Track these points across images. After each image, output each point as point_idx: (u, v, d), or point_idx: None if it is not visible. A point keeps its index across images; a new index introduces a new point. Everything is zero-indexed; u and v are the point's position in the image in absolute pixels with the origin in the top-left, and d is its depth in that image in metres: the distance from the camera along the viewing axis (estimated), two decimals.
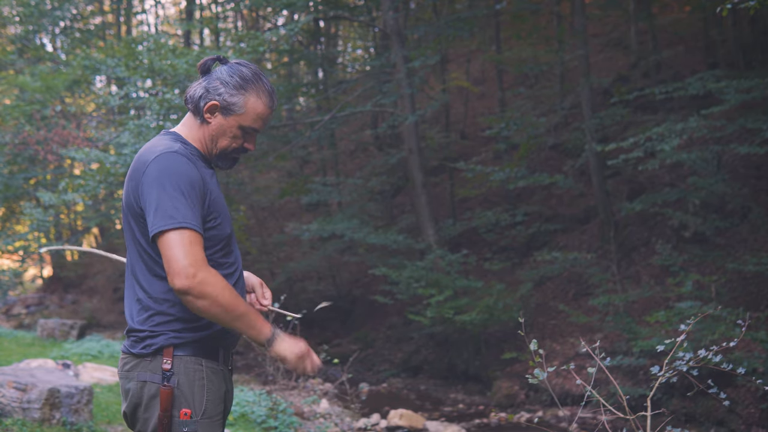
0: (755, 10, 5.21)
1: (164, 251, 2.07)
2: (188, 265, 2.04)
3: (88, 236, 25.55)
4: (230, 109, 2.26)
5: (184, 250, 2.05)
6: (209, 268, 2.08)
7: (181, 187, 2.11)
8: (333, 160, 18.34)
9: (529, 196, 15.37)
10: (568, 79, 15.91)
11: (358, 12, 16.77)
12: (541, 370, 3.37)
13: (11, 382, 5.32)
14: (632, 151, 10.51)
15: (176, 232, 2.06)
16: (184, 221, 2.07)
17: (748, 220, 11.31)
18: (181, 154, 2.17)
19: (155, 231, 2.08)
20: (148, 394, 2.17)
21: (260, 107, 2.28)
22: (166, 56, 11.98)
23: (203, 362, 2.20)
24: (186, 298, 2.06)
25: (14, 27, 20.39)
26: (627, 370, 9.79)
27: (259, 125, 2.30)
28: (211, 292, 2.05)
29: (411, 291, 12.27)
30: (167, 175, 2.11)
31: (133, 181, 2.19)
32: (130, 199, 2.20)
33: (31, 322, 17.31)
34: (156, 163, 2.14)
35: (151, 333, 2.18)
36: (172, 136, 2.29)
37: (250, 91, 2.26)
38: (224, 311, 2.08)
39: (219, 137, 2.29)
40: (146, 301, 2.19)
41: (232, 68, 2.29)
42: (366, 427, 8.48)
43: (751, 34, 14.39)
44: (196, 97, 2.29)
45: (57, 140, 14.42)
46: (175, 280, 2.04)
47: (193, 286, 2.03)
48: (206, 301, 2.05)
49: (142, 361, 2.18)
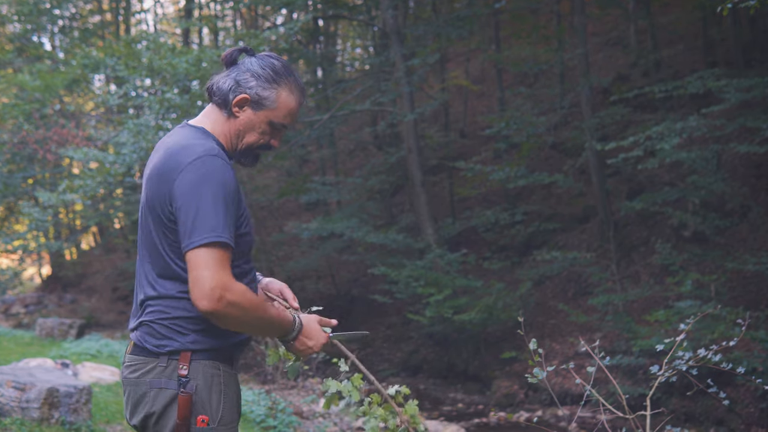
0: (755, 9, 5.20)
1: (192, 268, 1.95)
2: (215, 288, 1.92)
3: (87, 236, 25.55)
4: (262, 104, 2.14)
5: (211, 272, 1.93)
6: (234, 286, 1.96)
7: (223, 196, 1.97)
8: (332, 159, 18.33)
9: (528, 195, 15.36)
10: (568, 78, 15.90)
11: (357, 11, 16.76)
12: (541, 370, 3.36)
13: (10, 382, 5.31)
14: (632, 150, 10.50)
15: (207, 250, 1.93)
16: (220, 236, 1.94)
17: (748, 220, 11.30)
18: (221, 158, 2.02)
19: (190, 246, 1.95)
20: (163, 401, 2.04)
21: (292, 102, 2.16)
22: (165, 55, 11.97)
23: (221, 367, 2.09)
24: (211, 318, 1.98)
25: (13, 26, 20.39)
26: (626, 370, 9.78)
27: (289, 121, 2.18)
28: (237, 314, 1.96)
29: (410, 290, 12.26)
30: (209, 184, 1.96)
31: (165, 182, 2.02)
32: (154, 200, 2.05)
33: (30, 322, 17.29)
34: (196, 167, 1.98)
35: (169, 333, 2.06)
36: (202, 132, 2.13)
37: (282, 85, 2.14)
38: (251, 324, 2.03)
39: (247, 132, 2.16)
40: (160, 303, 2.07)
41: (263, 60, 2.16)
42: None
43: (750, 33, 14.38)
44: (225, 89, 2.14)
45: (56, 139, 14.40)
46: (198, 302, 1.94)
47: (218, 309, 1.93)
48: (231, 321, 1.98)
49: (156, 366, 2.05)
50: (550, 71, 16.74)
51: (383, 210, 16.82)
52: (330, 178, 16.17)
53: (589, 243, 13.27)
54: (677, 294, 10.10)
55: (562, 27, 15.49)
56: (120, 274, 20.90)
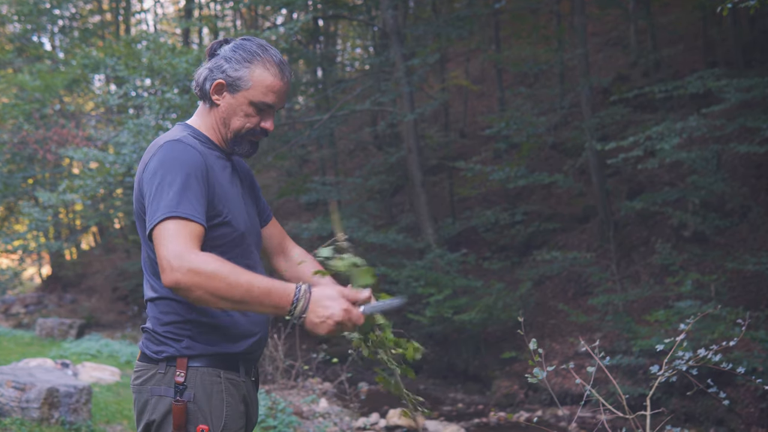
0: (755, 9, 5.20)
1: (156, 250, 1.87)
2: (171, 258, 1.80)
3: (87, 236, 25.55)
4: (237, 85, 2.09)
5: (166, 243, 1.82)
6: (196, 254, 1.81)
7: (182, 175, 1.92)
8: (332, 159, 18.33)
9: (528, 195, 15.36)
10: (568, 78, 15.90)
11: (357, 11, 16.76)
12: (541, 370, 3.36)
13: (10, 382, 5.31)
14: (632, 150, 10.50)
15: (161, 226, 1.86)
16: (171, 211, 1.86)
17: (748, 220, 11.30)
18: (183, 141, 2.02)
19: (149, 229, 1.90)
20: (162, 409, 2.01)
21: (268, 78, 2.09)
22: (165, 55, 11.97)
23: (222, 374, 2.04)
24: (180, 294, 1.83)
25: (13, 26, 20.39)
26: (626, 370, 9.78)
27: (272, 99, 2.11)
28: (204, 282, 1.78)
29: (410, 290, 12.26)
30: (165, 164, 1.95)
31: (138, 181, 2.04)
32: (137, 196, 2.07)
33: (30, 322, 17.29)
34: (156, 157, 1.99)
35: (164, 339, 2.03)
36: (183, 126, 2.15)
37: (255, 62, 2.09)
38: (224, 296, 1.80)
39: (230, 118, 2.12)
40: (157, 305, 2.07)
41: (236, 44, 2.14)
42: (365, 427, 8.47)
43: (750, 33, 14.38)
44: (201, 79, 2.15)
45: (56, 139, 14.40)
46: (163, 277, 1.81)
47: (179, 279, 1.79)
48: (200, 290, 1.79)
49: (156, 373, 2.03)
50: (550, 71, 16.74)
51: (383, 210, 16.82)
52: (330, 178, 16.17)
53: (589, 243, 13.27)
54: (677, 294, 10.10)
55: (562, 27, 15.49)
56: (120, 274, 20.90)
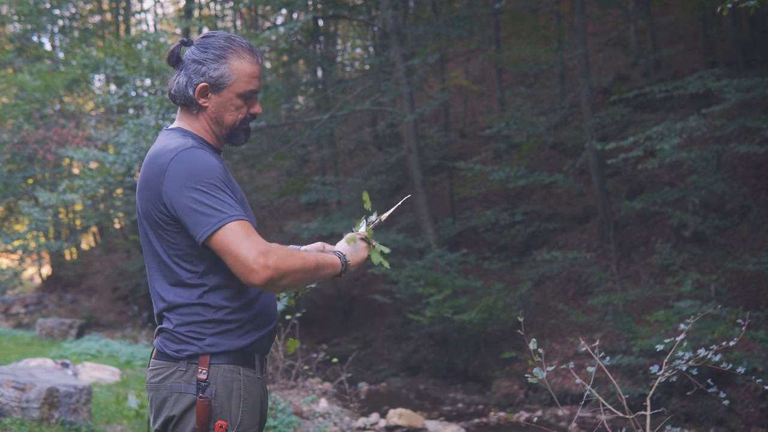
0: (755, 9, 5.20)
1: (223, 253, 1.96)
2: (258, 257, 1.94)
3: (87, 236, 25.56)
4: (220, 84, 2.13)
5: (245, 245, 1.94)
6: (272, 247, 1.99)
7: (212, 181, 1.99)
8: (332, 159, 18.34)
9: (528, 195, 15.36)
10: (568, 78, 15.90)
11: (357, 11, 16.76)
12: (541, 370, 3.36)
13: (10, 382, 5.31)
14: (632, 150, 10.50)
15: (226, 229, 1.95)
16: (230, 215, 1.96)
17: (748, 220, 11.30)
18: (197, 147, 2.05)
19: (206, 235, 1.96)
20: (182, 406, 2.05)
21: (247, 66, 2.14)
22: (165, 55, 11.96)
23: (241, 371, 2.09)
24: (269, 289, 2.01)
25: (13, 26, 20.39)
26: (626, 370, 9.78)
27: (255, 84, 2.16)
28: (288, 268, 1.98)
29: (410, 290, 12.26)
30: (194, 174, 1.99)
31: (152, 189, 2.05)
32: (147, 208, 2.07)
33: (30, 322, 17.28)
34: (176, 164, 2.01)
35: (186, 338, 2.06)
36: (177, 132, 2.16)
37: (229, 55, 2.13)
38: (303, 277, 2.04)
39: (222, 115, 2.16)
40: (174, 312, 2.09)
41: (201, 44, 2.16)
42: (365, 427, 8.48)
43: (750, 33, 14.38)
44: (182, 87, 2.15)
45: (56, 139, 14.40)
46: (251, 278, 1.94)
47: (271, 276, 1.94)
48: (287, 278, 1.99)
49: (176, 370, 2.06)
50: (550, 71, 16.74)
51: (383, 210, 16.80)
52: (330, 178, 16.17)
53: (589, 243, 13.27)
54: (677, 294, 10.10)
55: (562, 27, 15.49)
56: (120, 274, 20.90)
